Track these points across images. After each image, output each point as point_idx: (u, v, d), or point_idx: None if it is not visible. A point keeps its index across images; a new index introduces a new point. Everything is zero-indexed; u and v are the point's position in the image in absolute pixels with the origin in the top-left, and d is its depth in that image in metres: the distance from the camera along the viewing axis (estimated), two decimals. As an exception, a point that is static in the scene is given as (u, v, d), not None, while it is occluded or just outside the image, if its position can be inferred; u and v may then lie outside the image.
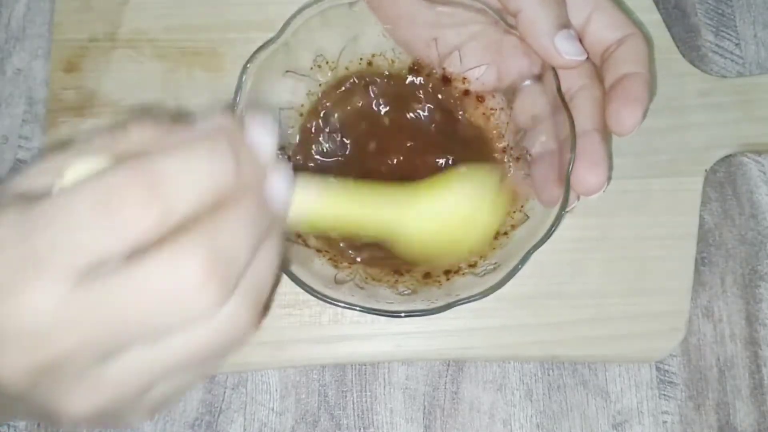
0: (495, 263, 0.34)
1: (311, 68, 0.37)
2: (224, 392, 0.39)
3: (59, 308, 0.18)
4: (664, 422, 0.39)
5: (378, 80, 0.38)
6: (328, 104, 0.38)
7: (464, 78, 0.38)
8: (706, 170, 0.41)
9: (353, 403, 0.39)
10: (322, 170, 0.37)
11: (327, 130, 0.38)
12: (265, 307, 0.21)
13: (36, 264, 0.18)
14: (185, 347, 0.20)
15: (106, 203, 0.18)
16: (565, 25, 0.32)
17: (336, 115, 0.38)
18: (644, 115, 0.32)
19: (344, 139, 0.38)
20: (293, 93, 0.37)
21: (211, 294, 0.19)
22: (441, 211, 0.24)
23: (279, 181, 0.21)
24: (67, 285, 0.18)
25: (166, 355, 0.20)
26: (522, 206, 0.35)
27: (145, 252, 0.18)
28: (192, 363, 0.21)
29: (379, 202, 0.23)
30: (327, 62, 0.37)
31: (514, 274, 0.32)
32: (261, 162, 0.21)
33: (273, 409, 0.39)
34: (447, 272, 0.36)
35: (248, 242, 0.20)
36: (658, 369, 0.40)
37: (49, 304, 0.18)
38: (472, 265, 0.35)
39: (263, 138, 0.21)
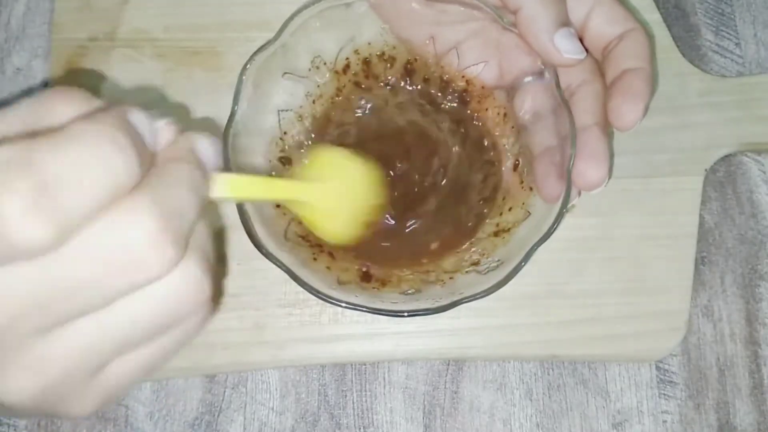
0: (498, 261, 0.34)
1: (309, 69, 0.37)
2: (224, 392, 0.39)
3: None
4: (664, 422, 0.39)
5: (376, 85, 0.39)
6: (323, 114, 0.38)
7: (463, 75, 0.38)
8: (706, 170, 0.41)
9: (353, 403, 0.39)
10: None
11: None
12: (221, 274, 0.21)
13: None
14: (138, 314, 0.19)
15: None
16: (565, 23, 0.32)
17: (333, 122, 0.38)
18: (645, 110, 0.32)
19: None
20: (292, 95, 0.37)
21: (164, 250, 0.18)
22: (326, 174, 0.30)
23: (209, 149, 0.21)
24: None
25: (116, 323, 0.19)
26: (523, 203, 0.35)
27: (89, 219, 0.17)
28: (145, 335, 0.20)
29: (280, 181, 0.29)
30: (325, 63, 0.37)
31: (517, 272, 0.32)
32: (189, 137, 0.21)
33: (273, 409, 0.39)
34: (447, 270, 0.36)
35: (193, 201, 0.19)
36: (658, 368, 0.40)
37: None
38: (475, 263, 0.35)
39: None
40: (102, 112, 0.18)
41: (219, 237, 0.24)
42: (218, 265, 0.21)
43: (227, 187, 0.22)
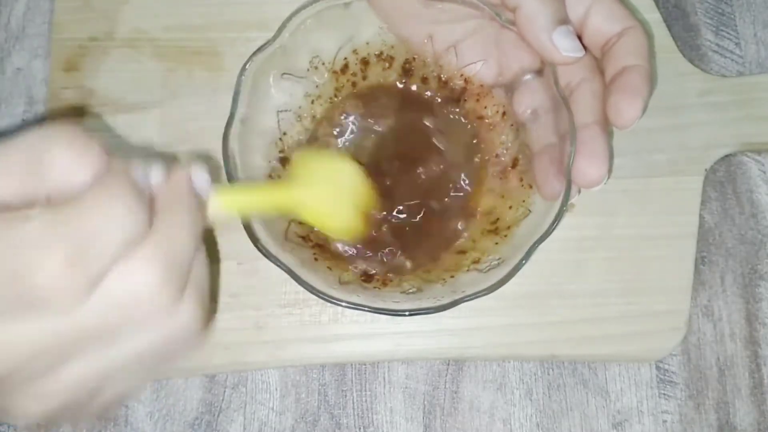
0: (499, 259, 0.34)
1: (308, 70, 0.37)
2: (224, 391, 0.39)
3: None
4: (664, 421, 0.39)
5: (374, 87, 0.39)
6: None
7: (462, 74, 0.38)
8: (706, 169, 0.41)
9: (353, 403, 0.39)
10: None
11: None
12: (212, 310, 0.23)
13: None
14: (139, 349, 0.21)
15: (21, 280, 0.18)
16: (564, 20, 0.32)
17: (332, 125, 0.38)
18: (644, 108, 0.32)
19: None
20: (291, 95, 0.37)
21: (167, 296, 0.20)
22: (313, 187, 0.31)
23: (200, 178, 0.24)
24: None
25: (119, 357, 0.21)
26: (523, 201, 0.35)
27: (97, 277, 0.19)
28: (145, 363, 0.22)
29: (274, 191, 0.31)
30: (323, 63, 0.37)
31: (518, 270, 0.32)
32: (182, 174, 0.23)
33: (273, 409, 0.39)
34: (448, 269, 0.36)
35: (191, 243, 0.22)
36: (657, 368, 0.40)
37: None
38: (476, 262, 0.35)
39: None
40: (109, 176, 0.21)
41: (212, 272, 0.26)
42: (210, 301, 0.24)
43: (223, 205, 0.25)
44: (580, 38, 0.34)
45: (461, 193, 0.38)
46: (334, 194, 0.32)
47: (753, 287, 0.41)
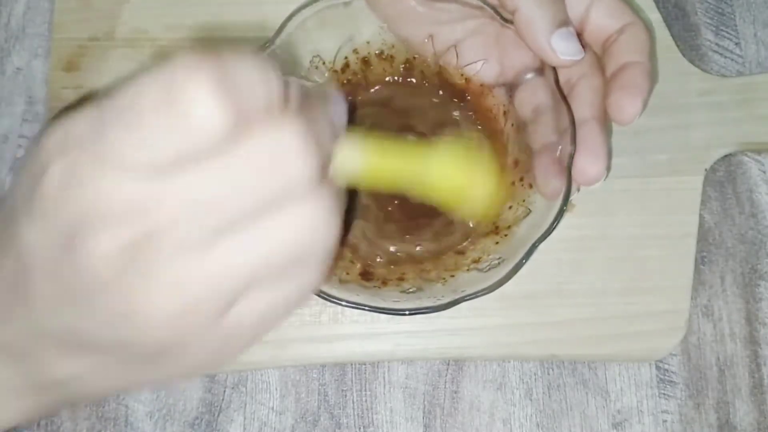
0: (499, 258, 0.34)
1: (308, 69, 0.37)
2: (224, 391, 0.39)
3: (136, 192, 0.18)
4: (664, 421, 0.39)
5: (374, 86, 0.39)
6: None
7: (462, 74, 0.38)
8: (706, 169, 0.41)
9: (353, 403, 0.39)
10: None
11: None
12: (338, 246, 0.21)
13: (108, 158, 0.18)
14: (274, 237, 0.19)
15: (171, 102, 0.17)
16: (563, 22, 0.32)
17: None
18: (645, 105, 0.32)
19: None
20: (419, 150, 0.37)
21: (311, 162, 0.19)
22: (454, 164, 0.28)
23: (337, 104, 0.22)
24: (139, 176, 0.18)
25: (255, 247, 0.19)
26: (524, 200, 0.35)
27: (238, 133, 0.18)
28: (275, 268, 0.19)
29: (410, 151, 0.27)
30: (324, 63, 0.37)
31: (519, 269, 0.32)
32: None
33: (273, 408, 0.39)
34: (448, 269, 0.36)
35: (330, 133, 0.21)
36: (657, 368, 0.40)
37: (122, 189, 0.18)
38: (476, 261, 0.35)
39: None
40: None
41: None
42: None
43: (356, 155, 0.22)
44: (580, 35, 0.34)
45: None
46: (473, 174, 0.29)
47: (753, 287, 0.41)
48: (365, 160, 0.23)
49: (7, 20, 0.45)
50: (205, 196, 0.18)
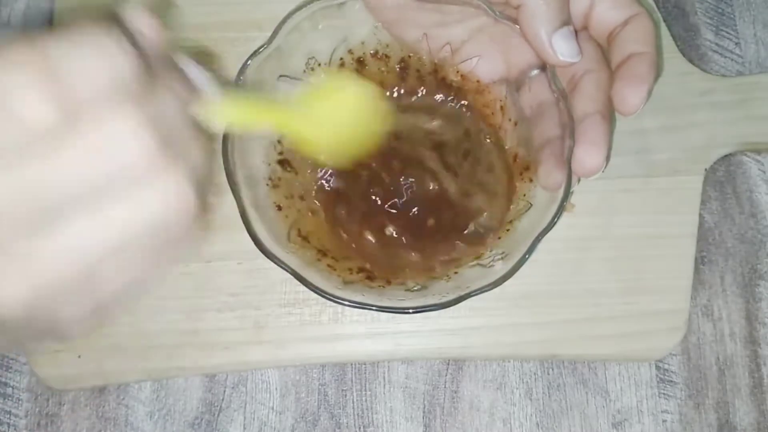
0: (502, 253, 0.34)
1: (304, 71, 0.37)
2: (224, 391, 0.39)
3: None
4: (664, 421, 0.39)
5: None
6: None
7: (458, 70, 0.38)
8: (705, 169, 0.41)
9: (353, 402, 0.39)
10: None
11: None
12: (207, 200, 0.21)
13: None
14: (126, 216, 0.19)
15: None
16: (565, 21, 0.32)
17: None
18: (649, 95, 0.32)
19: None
20: (288, 97, 0.37)
21: (148, 145, 0.19)
22: (326, 106, 0.30)
23: (196, 71, 0.23)
24: None
25: (106, 225, 0.19)
26: (524, 195, 0.35)
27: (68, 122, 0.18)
28: (136, 240, 0.20)
29: (278, 109, 0.28)
30: (319, 64, 0.37)
31: (522, 263, 0.32)
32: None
33: (273, 408, 0.39)
34: (449, 263, 0.36)
35: (183, 113, 0.21)
36: (657, 368, 0.40)
37: None
38: (479, 257, 0.35)
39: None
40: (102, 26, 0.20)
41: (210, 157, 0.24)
42: (207, 183, 0.22)
43: (221, 108, 0.23)
44: (585, 29, 0.34)
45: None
46: (338, 120, 0.30)
47: (753, 287, 0.41)
48: (232, 112, 0.24)
49: (7, 20, 0.45)
50: (37, 185, 0.18)
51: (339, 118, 0.30)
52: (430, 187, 0.37)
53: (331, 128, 0.30)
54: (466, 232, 0.37)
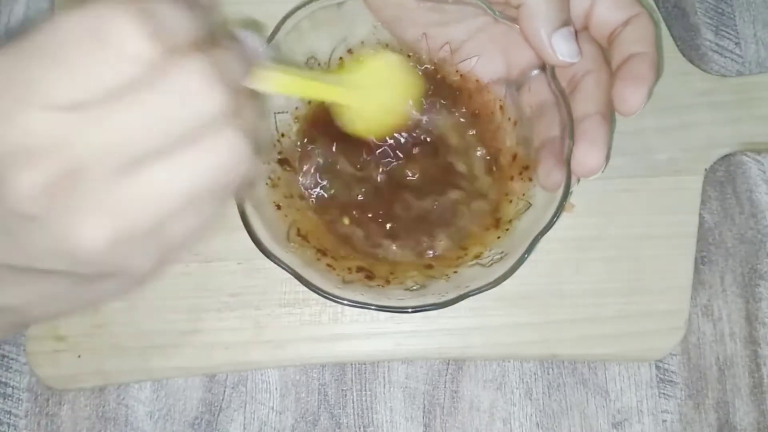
0: (501, 253, 0.34)
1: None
2: (224, 391, 0.39)
3: (59, 127, 0.18)
4: (664, 421, 0.39)
5: None
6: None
7: (457, 70, 0.38)
8: (705, 169, 0.41)
9: (353, 402, 0.39)
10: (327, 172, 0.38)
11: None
12: (259, 151, 0.23)
13: (31, 96, 0.18)
14: (199, 163, 0.20)
15: (99, 38, 0.18)
16: (565, 21, 0.32)
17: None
18: (649, 95, 0.32)
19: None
20: (287, 97, 0.37)
21: (218, 98, 0.20)
22: (367, 80, 0.32)
23: (252, 39, 0.24)
24: (62, 111, 0.18)
25: (181, 170, 0.20)
26: (524, 194, 0.35)
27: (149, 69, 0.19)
28: (205, 186, 0.21)
29: (324, 78, 0.31)
30: (319, 64, 0.37)
31: (521, 263, 0.32)
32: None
33: (273, 408, 0.39)
34: (450, 264, 0.36)
35: (239, 71, 0.22)
36: (657, 368, 0.40)
37: (46, 125, 0.18)
38: (478, 256, 0.35)
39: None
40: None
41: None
42: (258, 138, 0.23)
43: (270, 77, 0.25)
44: (586, 29, 0.34)
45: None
46: (377, 88, 0.32)
47: (753, 287, 0.41)
48: (282, 77, 0.26)
49: (8, 20, 0.45)
50: (126, 129, 0.19)
51: (378, 86, 0.32)
52: (407, 177, 0.37)
53: (371, 96, 0.31)
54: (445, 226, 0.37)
